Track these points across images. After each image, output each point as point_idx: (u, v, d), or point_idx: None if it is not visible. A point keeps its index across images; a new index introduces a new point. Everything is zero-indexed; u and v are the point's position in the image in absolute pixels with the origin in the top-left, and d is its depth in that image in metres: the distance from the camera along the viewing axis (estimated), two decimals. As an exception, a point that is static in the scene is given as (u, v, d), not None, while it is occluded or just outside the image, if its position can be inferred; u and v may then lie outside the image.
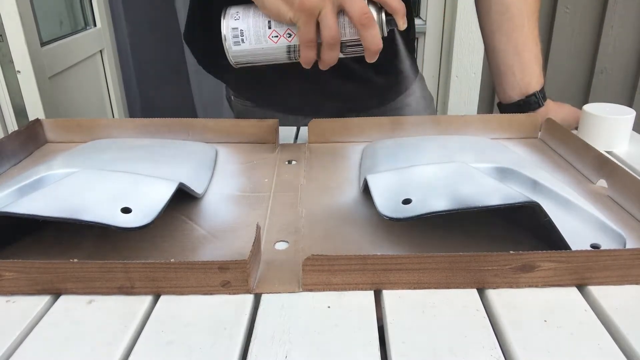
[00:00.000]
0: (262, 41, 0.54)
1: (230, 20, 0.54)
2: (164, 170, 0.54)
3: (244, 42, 0.54)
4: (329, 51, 0.53)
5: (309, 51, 0.54)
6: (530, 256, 0.40)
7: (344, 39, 0.53)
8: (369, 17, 0.51)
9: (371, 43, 0.52)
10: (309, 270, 0.40)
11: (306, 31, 0.52)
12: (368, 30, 0.51)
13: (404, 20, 0.53)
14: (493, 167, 0.57)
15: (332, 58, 0.54)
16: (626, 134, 0.70)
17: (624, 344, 0.36)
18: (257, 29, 0.54)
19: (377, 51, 0.53)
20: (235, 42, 0.54)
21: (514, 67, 0.77)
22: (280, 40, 0.54)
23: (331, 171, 0.63)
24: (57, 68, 1.48)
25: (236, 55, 0.55)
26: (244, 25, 0.54)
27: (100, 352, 0.35)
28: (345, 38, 0.53)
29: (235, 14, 0.54)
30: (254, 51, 0.55)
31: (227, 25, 0.54)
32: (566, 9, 1.73)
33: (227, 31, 0.54)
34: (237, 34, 0.54)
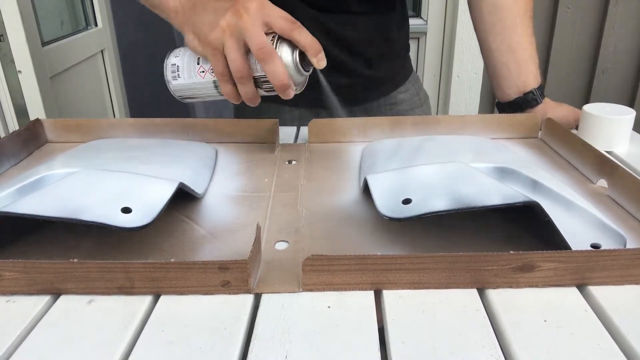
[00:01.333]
0: (193, 76, 0.57)
1: (172, 57, 0.58)
2: (164, 170, 0.54)
3: (180, 77, 0.58)
4: (241, 85, 0.53)
5: (225, 85, 0.54)
6: (530, 256, 0.40)
7: (257, 74, 0.53)
8: (265, 51, 0.50)
9: (273, 78, 0.51)
10: (309, 270, 0.40)
11: (215, 64, 0.53)
12: (267, 65, 0.50)
13: (318, 58, 0.51)
14: (493, 167, 0.57)
15: (247, 92, 0.54)
16: (626, 134, 0.70)
17: (624, 344, 0.36)
18: (189, 65, 0.57)
19: (283, 87, 0.51)
20: (173, 77, 0.58)
21: (509, 65, 0.77)
22: (206, 75, 0.56)
23: (331, 171, 0.63)
24: (58, 68, 1.48)
25: (176, 89, 0.59)
26: (180, 62, 0.58)
27: (100, 352, 0.35)
28: (257, 74, 0.53)
29: (177, 52, 0.59)
30: (188, 85, 0.58)
31: (168, 62, 0.58)
32: (567, 8, 1.73)
33: (167, 67, 0.58)
34: (175, 70, 0.58)
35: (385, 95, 0.89)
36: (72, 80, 1.58)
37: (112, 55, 1.88)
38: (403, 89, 0.91)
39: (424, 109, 0.95)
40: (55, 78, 1.45)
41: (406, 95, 0.91)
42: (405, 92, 0.91)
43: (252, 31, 0.50)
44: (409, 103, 0.92)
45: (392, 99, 0.90)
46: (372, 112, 0.89)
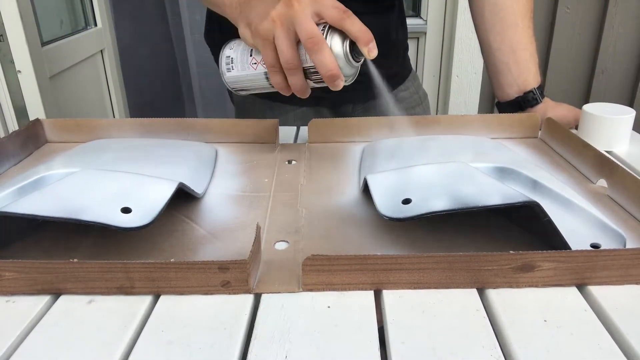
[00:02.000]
0: (245, 68, 0.58)
1: (226, 50, 0.59)
2: (164, 170, 0.54)
3: (233, 69, 0.59)
4: (290, 76, 0.53)
5: (275, 76, 0.54)
6: (530, 256, 0.40)
7: (306, 65, 0.52)
8: (314, 40, 0.49)
9: (322, 68, 0.50)
10: (309, 270, 0.40)
11: (265, 55, 0.53)
12: (316, 55, 0.49)
13: (369, 48, 0.50)
14: (493, 167, 0.57)
15: (297, 84, 0.53)
16: (626, 134, 0.70)
17: (624, 344, 0.36)
18: (242, 57, 0.58)
19: (332, 77, 0.50)
20: (227, 68, 0.59)
21: (509, 64, 0.77)
22: (258, 67, 0.57)
23: (331, 171, 0.63)
24: (57, 68, 1.48)
25: (229, 81, 0.60)
26: (234, 54, 0.58)
27: (100, 352, 0.35)
28: (306, 65, 0.52)
29: (232, 44, 0.59)
30: (241, 77, 0.59)
31: (223, 54, 0.60)
32: (567, 9, 1.73)
33: (222, 59, 0.59)
34: (229, 62, 0.59)
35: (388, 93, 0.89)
36: (71, 80, 1.58)
37: (112, 55, 1.88)
38: (403, 87, 0.92)
39: (423, 106, 0.96)
40: (54, 78, 1.45)
41: (406, 94, 0.92)
42: (405, 90, 0.92)
43: (302, 21, 0.49)
44: (409, 101, 0.93)
45: (393, 96, 0.91)
46: (373, 110, 0.90)
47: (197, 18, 2.21)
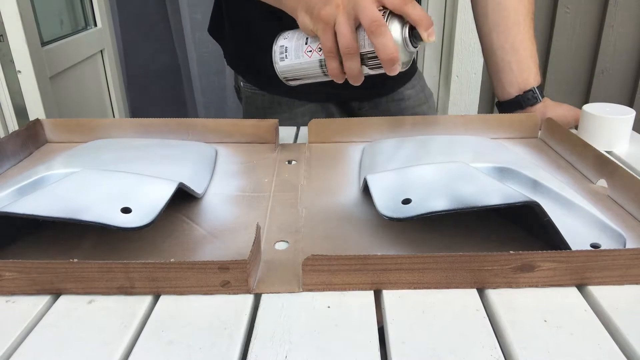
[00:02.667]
0: (300, 56, 0.59)
1: (280, 40, 0.61)
2: (164, 170, 0.54)
3: (287, 58, 0.60)
4: (347, 61, 0.53)
5: (331, 62, 0.55)
6: (530, 256, 0.40)
7: (363, 50, 0.53)
8: (378, 24, 0.50)
9: (383, 52, 0.50)
10: (309, 270, 0.40)
11: (324, 40, 0.53)
12: (378, 38, 0.50)
13: (429, 32, 0.51)
14: (493, 167, 0.57)
15: (354, 70, 0.54)
16: (626, 134, 0.70)
17: (624, 344, 0.36)
18: (297, 45, 0.59)
19: (392, 61, 0.51)
20: (280, 57, 0.60)
21: (511, 63, 0.78)
22: (313, 54, 0.58)
23: (331, 171, 0.63)
24: (57, 68, 1.48)
25: (282, 70, 0.61)
26: (288, 43, 0.60)
27: (100, 352, 0.35)
28: (364, 50, 0.53)
29: (285, 34, 0.61)
30: (294, 66, 0.60)
31: (277, 44, 0.61)
32: (566, 9, 1.73)
33: (275, 49, 0.61)
34: (283, 51, 0.60)
35: (393, 92, 0.92)
36: (71, 80, 1.58)
37: (112, 55, 1.88)
38: (409, 85, 0.93)
39: (429, 104, 0.97)
40: (54, 78, 1.45)
41: (412, 92, 0.94)
42: (411, 88, 0.94)
43: (365, 5, 0.50)
44: (415, 99, 0.94)
45: (399, 95, 0.92)
46: (380, 107, 0.91)
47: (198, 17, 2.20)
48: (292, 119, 0.87)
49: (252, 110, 0.91)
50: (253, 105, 0.90)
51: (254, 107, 0.90)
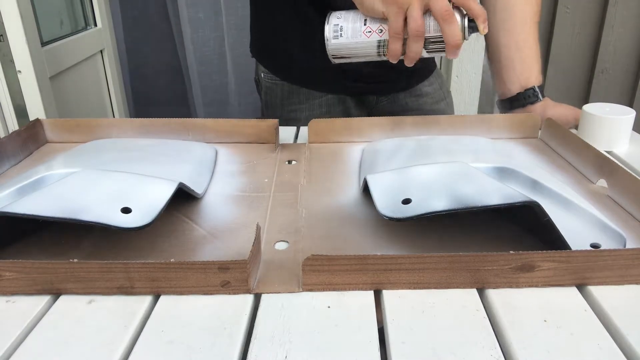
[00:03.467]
0: (357, 36, 0.61)
1: (333, 19, 0.63)
2: (164, 170, 0.54)
3: (342, 37, 0.62)
4: (414, 43, 0.58)
5: (396, 43, 0.59)
6: (530, 256, 0.40)
7: (428, 35, 0.58)
8: (450, 13, 0.56)
9: (451, 37, 0.57)
10: (309, 270, 0.40)
11: (395, 23, 0.58)
12: (449, 25, 0.56)
13: (485, 25, 0.58)
14: (493, 167, 0.57)
15: (417, 51, 0.59)
16: (626, 134, 0.70)
17: (624, 344, 0.36)
18: (355, 25, 0.61)
19: (457, 46, 0.57)
20: (334, 36, 0.62)
21: (514, 61, 0.79)
22: (373, 35, 0.61)
23: (331, 171, 0.63)
24: (57, 68, 1.48)
25: (334, 48, 0.63)
26: (344, 22, 0.62)
27: (100, 352, 0.35)
28: (428, 34, 0.58)
29: (339, 14, 0.63)
30: (349, 45, 0.62)
31: (330, 23, 0.62)
32: (566, 9, 1.73)
33: (329, 27, 0.62)
34: (337, 30, 0.62)
35: (411, 87, 0.93)
36: (71, 80, 1.58)
37: (112, 55, 1.88)
38: (427, 82, 0.95)
39: (447, 102, 0.99)
40: (54, 78, 1.45)
41: (430, 89, 0.95)
42: (429, 85, 0.95)
43: None
44: (433, 96, 0.95)
45: (417, 91, 0.94)
46: (398, 102, 0.93)
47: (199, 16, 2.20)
48: (309, 110, 0.89)
49: (271, 100, 0.93)
50: (272, 95, 0.93)
51: (272, 97, 0.93)
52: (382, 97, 0.92)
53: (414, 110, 0.93)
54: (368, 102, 0.93)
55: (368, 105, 0.93)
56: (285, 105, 0.91)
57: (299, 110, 0.90)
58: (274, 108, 0.93)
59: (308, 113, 0.89)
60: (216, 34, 2.24)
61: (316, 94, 0.89)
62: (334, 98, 0.90)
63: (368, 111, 0.93)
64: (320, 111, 0.89)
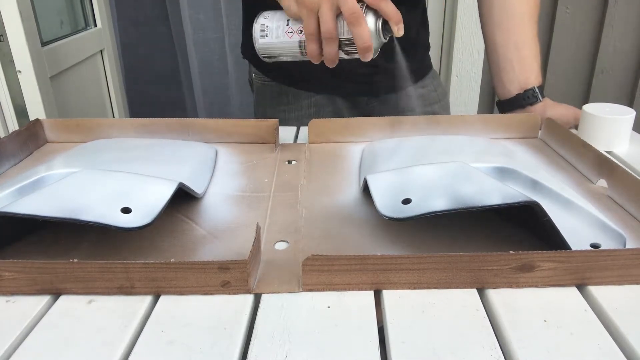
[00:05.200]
0: (280, 36, 0.62)
1: (261, 19, 0.64)
2: (164, 170, 0.54)
3: (267, 37, 0.63)
4: (327, 46, 0.58)
5: (312, 44, 0.59)
6: (530, 256, 0.40)
7: (342, 37, 0.58)
8: (356, 15, 0.55)
9: (360, 40, 0.56)
10: (309, 270, 0.40)
11: (307, 24, 0.58)
12: (356, 28, 0.56)
13: (398, 27, 0.57)
14: (493, 167, 0.57)
15: (331, 53, 0.59)
16: (626, 134, 0.70)
17: (624, 344, 0.36)
18: (279, 25, 0.63)
19: (367, 49, 0.56)
20: (261, 35, 0.64)
21: (513, 61, 0.79)
22: (294, 36, 0.62)
23: (331, 171, 0.63)
24: (57, 68, 1.48)
25: (261, 47, 0.64)
26: (269, 23, 0.63)
27: (100, 352, 0.35)
28: (343, 37, 0.58)
29: (267, 14, 0.64)
30: (274, 44, 0.63)
31: (258, 22, 0.64)
32: (566, 9, 1.73)
33: (256, 27, 0.64)
34: (264, 29, 0.63)
35: (403, 89, 0.92)
36: (71, 80, 1.58)
37: (112, 55, 1.88)
38: (421, 84, 0.94)
39: (442, 104, 0.97)
40: (54, 78, 1.45)
41: (424, 91, 0.94)
42: (423, 87, 0.94)
43: None
44: (427, 98, 0.94)
45: (410, 92, 0.92)
46: (390, 103, 0.91)
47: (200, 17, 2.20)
48: (298, 110, 0.89)
49: (261, 100, 0.93)
50: (263, 96, 0.92)
51: (263, 98, 0.92)
52: (373, 98, 0.91)
53: (406, 111, 0.92)
54: (359, 103, 0.92)
55: (359, 107, 0.92)
56: (275, 106, 0.90)
57: (288, 110, 0.89)
58: (264, 108, 0.93)
59: (297, 113, 0.88)
60: (217, 34, 2.24)
61: (305, 94, 0.88)
62: (324, 98, 0.89)
63: (359, 112, 0.93)
64: (310, 112, 0.88)
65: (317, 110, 0.88)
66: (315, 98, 0.88)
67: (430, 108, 0.94)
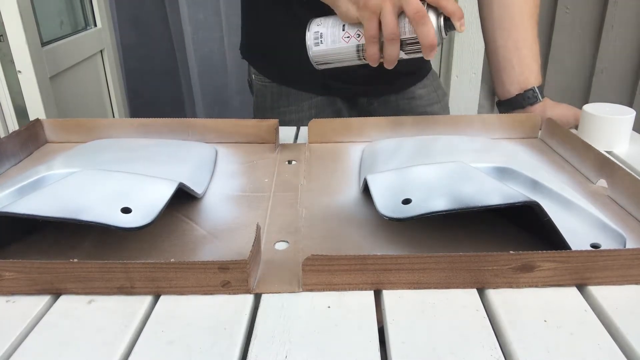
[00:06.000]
0: (337, 42, 0.62)
1: (314, 26, 0.64)
2: (164, 170, 0.54)
3: (322, 44, 0.63)
4: (389, 46, 0.58)
5: (372, 47, 0.59)
6: (530, 256, 0.40)
7: (404, 37, 0.58)
8: (422, 14, 0.55)
9: (425, 38, 0.56)
10: (309, 270, 0.40)
11: (369, 27, 0.58)
12: (421, 27, 0.56)
13: (461, 23, 0.57)
14: (493, 167, 0.57)
15: (393, 54, 0.59)
16: (626, 134, 0.70)
17: (624, 344, 0.36)
18: (334, 31, 0.62)
19: (432, 47, 0.57)
20: (315, 43, 0.63)
21: (513, 62, 0.79)
22: (351, 40, 0.62)
23: (331, 171, 0.63)
24: (57, 68, 1.48)
25: (316, 55, 0.64)
26: (323, 29, 0.63)
27: (100, 352, 0.35)
28: (404, 36, 0.58)
29: (319, 21, 0.64)
30: (329, 51, 0.63)
31: (311, 30, 0.63)
32: (566, 9, 1.73)
33: (309, 35, 0.63)
34: (318, 37, 0.63)
35: (404, 90, 0.92)
36: (71, 80, 1.58)
37: (112, 55, 1.88)
38: (421, 85, 0.94)
39: (442, 105, 0.97)
40: (55, 78, 1.45)
41: (424, 91, 0.94)
42: (423, 88, 0.94)
43: None
44: (427, 99, 0.94)
45: (410, 93, 0.92)
46: (389, 104, 0.92)
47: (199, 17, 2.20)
48: (298, 112, 0.88)
49: (261, 102, 0.93)
50: (262, 97, 0.92)
51: (263, 99, 0.92)
52: (373, 99, 0.91)
53: (406, 112, 0.92)
54: (359, 104, 0.92)
55: (359, 108, 0.92)
56: (275, 108, 0.89)
57: (288, 112, 0.89)
58: (264, 110, 0.92)
59: (297, 115, 0.88)
60: (216, 34, 2.24)
61: (305, 96, 0.88)
62: (324, 100, 0.88)
63: (359, 113, 0.93)
64: (310, 113, 0.88)
65: (317, 112, 0.88)
66: (316, 99, 0.88)
67: (430, 108, 0.94)
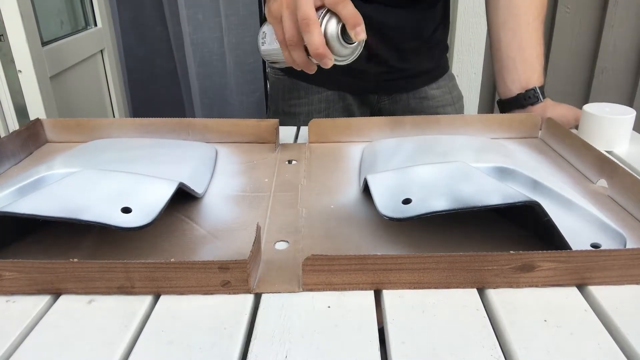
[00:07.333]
0: (272, 42, 0.63)
1: (264, 26, 0.65)
2: (164, 170, 0.54)
3: (265, 44, 0.65)
4: (292, 52, 0.57)
5: (284, 51, 0.59)
6: (530, 256, 0.40)
7: None
8: (307, 22, 0.53)
9: (311, 46, 0.54)
10: (309, 270, 0.40)
11: (276, 32, 0.58)
12: (306, 35, 0.54)
13: (356, 31, 0.54)
14: (493, 167, 0.57)
15: (298, 59, 0.58)
16: (626, 134, 0.70)
17: (624, 344, 0.36)
18: (271, 32, 0.63)
19: (319, 56, 0.54)
20: (262, 42, 0.65)
21: (516, 60, 0.79)
22: None
23: (331, 171, 0.63)
24: (58, 68, 1.48)
25: (262, 53, 0.66)
26: (267, 29, 0.64)
27: (100, 352, 0.35)
28: None
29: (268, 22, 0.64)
30: (268, 50, 0.64)
31: (260, 30, 0.66)
32: (567, 8, 1.73)
33: (259, 34, 0.66)
34: (263, 36, 0.65)
35: (416, 89, 0.92)
36: (72, 80, 1.58)
37: (112, 55, 1.88)
38: (435, 85, 0.93)
39: (456, 107, 0.97)
40: (55, 78, 1.45)
41: (438, 92, 0.94)
42: (437, 88, 0.94)
43: (302, 4, 0.54)
44: (440, 100, 0.94)
45: (422, 93, 0.92)
46: (401, 102, 0.92)
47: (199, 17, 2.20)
48: (309, 105, 0.90)
49: (274, 93, 0.95)
50: (275, 89, 0.94)
51: (276, 91, 0.94)
52: (384, 97, 0.92)
53: (417, 112, 0.92)
54: (369, 101, 0.93)
55: (369, 104, 0.93)
56: (287, 100, 0.91)
57: (299, 104, 0.90)
58: (276, 101, 0.94)
59: (308, 108, 0.89)
60: (215, 34, 2.24)
61: (316, 89, 0.90)
62: (334, 94, 0.90)
63: (369, 110, 0.93)
64: (320, 107, 0.89)
65: (328, 106, 0.89)
66: (326, 94, 0.89)
67: (442, 110, 0.94)
